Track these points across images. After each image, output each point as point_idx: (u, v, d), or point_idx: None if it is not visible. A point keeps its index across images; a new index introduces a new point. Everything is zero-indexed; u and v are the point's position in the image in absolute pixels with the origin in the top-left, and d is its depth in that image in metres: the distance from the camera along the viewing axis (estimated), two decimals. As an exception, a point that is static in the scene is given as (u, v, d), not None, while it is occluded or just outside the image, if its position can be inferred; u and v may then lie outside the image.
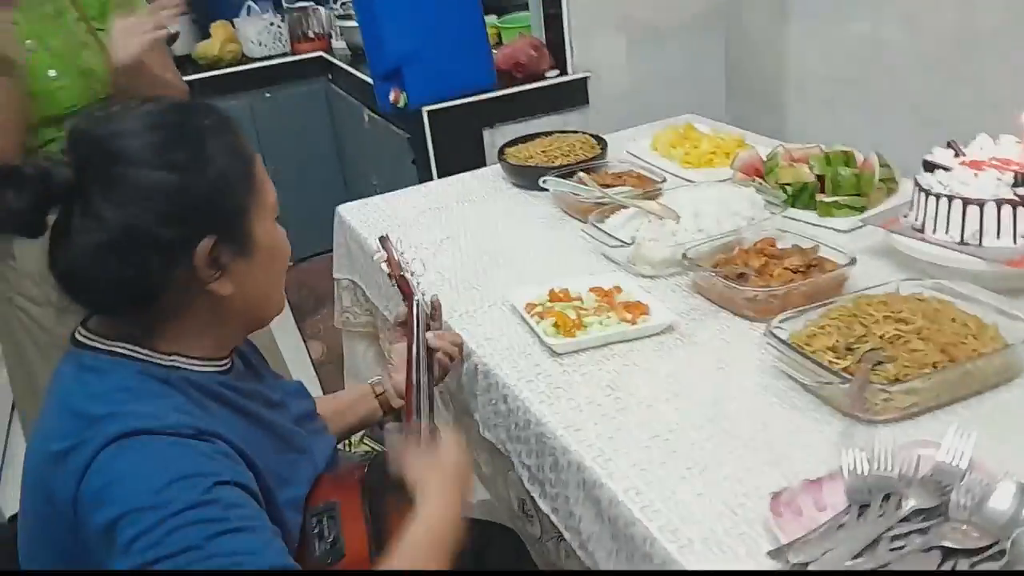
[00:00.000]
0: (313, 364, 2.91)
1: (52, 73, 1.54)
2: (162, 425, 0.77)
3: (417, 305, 1.23)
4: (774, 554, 0.80)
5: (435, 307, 1.25)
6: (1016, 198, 1.15)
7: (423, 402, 1.07)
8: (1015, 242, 1.16)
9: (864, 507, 0.84)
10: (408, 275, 1.28)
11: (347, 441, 2.24)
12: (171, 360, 0.86)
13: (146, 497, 0.72)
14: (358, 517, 0.93)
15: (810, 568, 0.77)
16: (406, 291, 1.26)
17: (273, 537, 0.77)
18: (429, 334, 1.18)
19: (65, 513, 0.76)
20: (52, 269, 0.84)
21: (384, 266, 1.28)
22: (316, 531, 0.92)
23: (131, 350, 0.85)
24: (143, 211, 0.80)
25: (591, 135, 1.91)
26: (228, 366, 0.93)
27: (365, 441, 2.31)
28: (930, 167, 1.24)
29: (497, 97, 2.35)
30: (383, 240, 1.30)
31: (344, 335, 1.91)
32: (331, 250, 1.91)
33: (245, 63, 3.32)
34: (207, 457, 0.77)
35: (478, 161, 2.34)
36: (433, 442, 0.99)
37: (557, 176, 1.66)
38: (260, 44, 3.34)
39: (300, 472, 0.96)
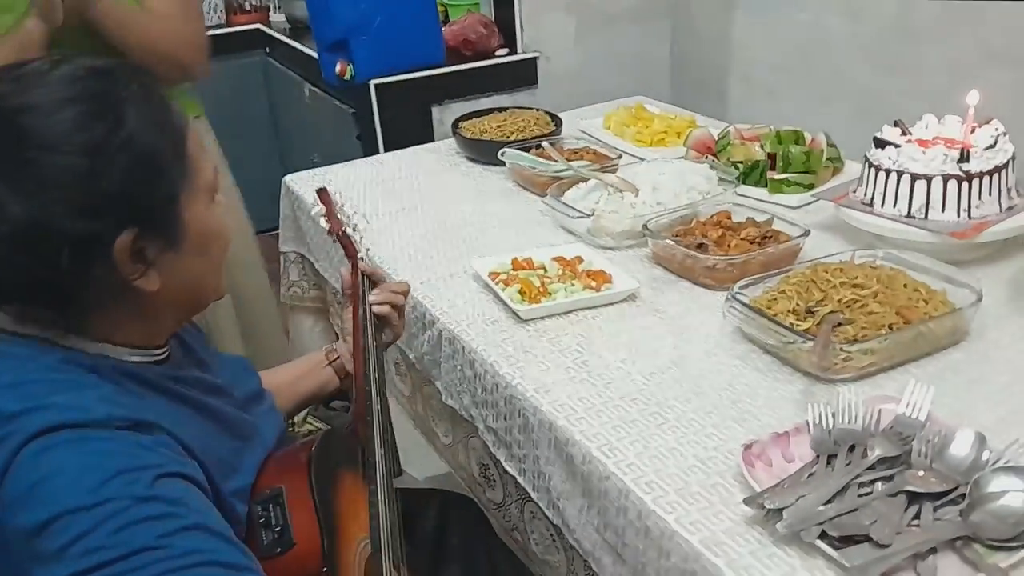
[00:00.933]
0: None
1: None
2: (91, 418, 0.69)
3: (361, 263, 1.16)
4: (749, 501, 0.82)
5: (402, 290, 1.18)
6: (961, 174, 1.20)
7: (372, 367, 1.02)
8: (959, 215, 1.22)
9: (831, 458, 0.88)
10: (350, 230, 1.19)
11: (290, 421, 2.19)
12: (99, 348, 0.77)
13: (81, 496, 0.64)
14: (306, 502, 0.86)
15: (784, 513, 0.79)
16: (349, 249, 1.19)
17: (226, 531, 0.71)
18: (371, 297, 1.11)
19: None
20: None
21: (323, 221, 1.19)
22: (262, 520, 0.84)
23: (51, 336, 0.76)
24: (51, 202, 0.69)
25: (546, 112, 1.92)
26: (164, 355, 0.84)
27: (309, 420, 2.26)
28: (880, 144, 1.29)
29: (446, 73, 2.33)
30: (321, 193, 1.20)
31: (290, 311, 1.87)
32: (266, 230, 1.86)
33: (178, 34, 3.19)
34: (146, 448, 0.70)
35: (426, 138, 2.32)
36: None
37: (516, 150, 1.66)
38: (194, 15, 3.22)
39: (246, 460, 0.88)
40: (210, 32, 3.15)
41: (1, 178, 0.69)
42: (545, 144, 1.63)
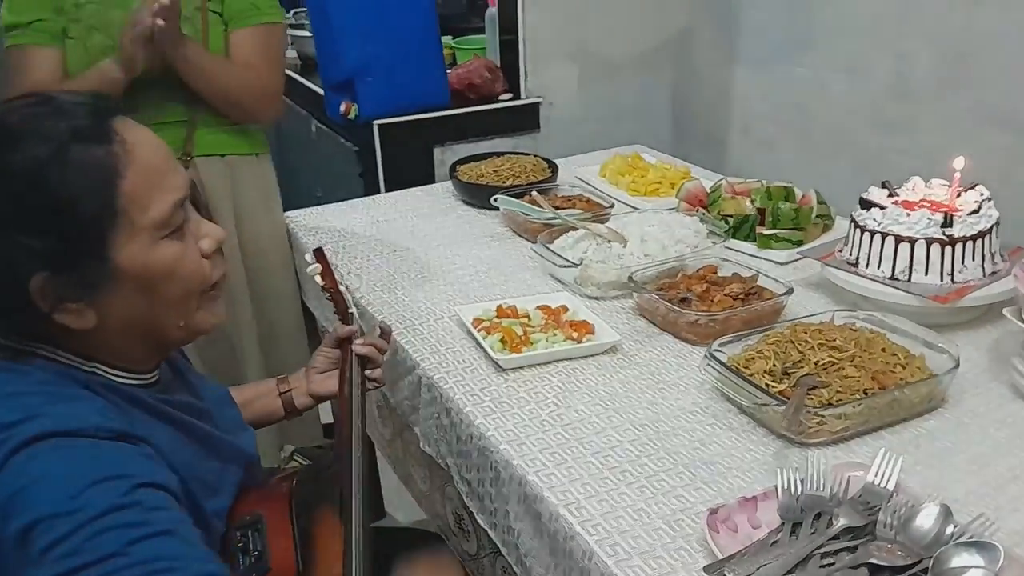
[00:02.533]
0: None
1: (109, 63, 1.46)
2: (81, 427, 0.72)
3: (351, 319, 1.22)
4: (710, 569, 0.82)
5: (384, 333, 1.22)
6: (944, 238, 1.21)
7: (355, 416, 1.05)
8: (942, 279, 1.22)
9: (796, 525, 0.87)
10: (343, 289, 1.26)
11: (278, 457, 2.18)
12: (92, 367, 0.81)
13: (61, 502, 0.67)
14: (285, 531, 0.90)
15: (744, 582, 0.79)
16: (340, 305, 1.25)
17: (198, 542, 0.73)
18: (357, 342, 1.16)
19: None
20: None
21: (318, 279, 1.25)
22: (240, 544, 0.87)
23: (50, 351, 0.79)
24: None
25: (542, 158, 1.94)
26: (154, 379, 0.87)
27: (295, 458, 2.26)
28: (866, 204, 1.29)
29: (450, 116, 2.36)
30: (318, 252, 1.27)
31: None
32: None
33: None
34: (128, 458, 0.73)
35: (427, 178, 2.34)
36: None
37: (508, 196, 1.68)
38: (209, 49, 3.28)
39: (227, 481, 0.92)
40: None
41: None
42: (534, 193, 1.64)
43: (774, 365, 1.08)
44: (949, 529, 0.82)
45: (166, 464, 0.77)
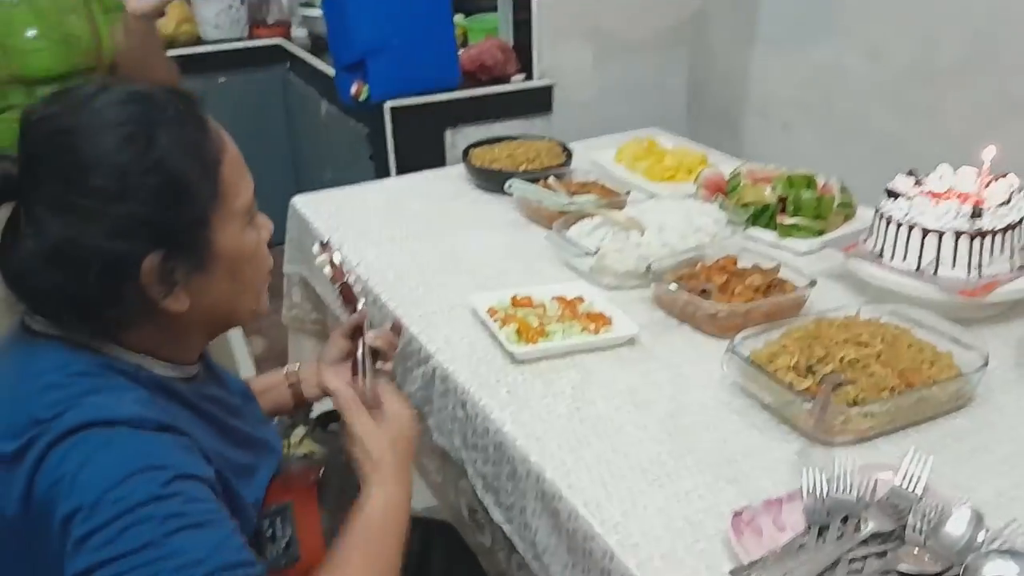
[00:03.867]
0: (254, 360, 2.83)
1: (30, 33, 1.43)
2: (122, 416, 0.72)
3: (360, 314, 1.20)
4: (736, 573, 0.80)
5: (395, 327, 1.21)
6: (972, 230, 1.18)
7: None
8: (969, 273, 1.19)
9: (823, 529, 0.85)
10: (351, 281, 1.24)
11: (286, 442, 2.17)
12: (137, 359, 0.80)
13: (102, 491, 0.67)
14: (314, 519, 0.90)
15: (770, 588, 0.77)
16: (349, 298, 1.23)
17: (234, 532, 0.73)
18: (369, 334, 1.13)
19: (14, 523, 0.70)
20: (1, 266, 0.77)
21: (327, 271, 1.24)
22: (269, 534, 0.88)
23: (96, 342, 0.79)
24: (84, 222, 0.73)
25: (557, 142, 1.91)
26: (194, 372, 0.88)
27: (306, 442, 2.26)
28: (892, 195, 1.26)
29: (461, 98, 2.33)
30: (325, 244, 1.26)
31: (291, 331, 1.86)
32: (280, 243, 1.86)
33: (200, 45, 3.22)
34: (168, 449, 0.72)
35: (438, 161, 2.31)
36: (380, 409, 0.93)
37: (523, 181, 1.65)
38: (217, 27, 3.25)
39: (260, 475, 0.92)
40: (232, 46, 3.21)
41: (44, 196, 0.74)
42: (551, 179, 1.61)
43: (798, 361, 1.05)
44: (981, 535, 0.80)
45: (203, 457, 0.76)
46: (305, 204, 1.78)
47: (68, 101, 0.77)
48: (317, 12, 2.92)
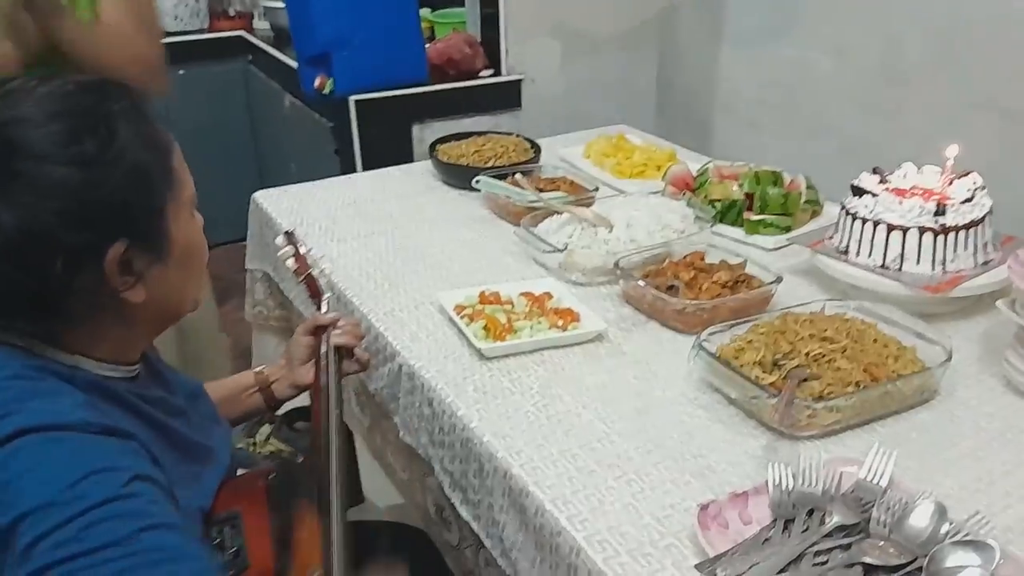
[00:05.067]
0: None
1: None
2: (67, 421, 0.69)
3: (327, 305, 1.18)
4: (701, 567, 0.80)
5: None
6: (937, 227, 1.19)
7: (332, 407, 1.02)
8: (933, 268, 1.20)
9: (788, 522, 0.85)
10: (316, 273, 1.22)
11: (252, 442, 2.14)
12: (73, 360, 0.78)
13: (54, 493, 0.64)
14: (263, 526, 0.88)
15: (737, 583, 0.77)
16: (314, 291, 1.20)
17: (195, 539, 0.72)
18: (335, 332, 1.12)
19: None
20: None
21: (290, 263, 1.21)
22: (217, 542, 0.85)
23: (29, 343, 0.76)
24: (43, 212, 0.71)
25: (525, 139, 1.90)
26: (135, 372, 0.85)
27: (272, 441, 2.22)
28: (857, 191, 1.27)
29: (429, 92, 2.31)
30: (289, 235, 1.23)
31: (255, 329, 1.83)
32: (242, 239, 1.82)
33: (160, 37, 3.15)
34: (120, 452, 0.70)
35: (406, 156, 2.29)
36: None
37: (490, 177, 1.64)
38: (176, 18, 3.18)
39: (204, 484, 0.89)
40: (192, 37, 3.15)
41: None
42: (518, 175, 1.60)
43: (764, 356, 1.05)
44: (944, 527, 0.81)
45: (152, 460, 0.74)
46: (267, 199, 1.75)
47: (5, 94, 0.75)
48: (280, 3, 2.87)
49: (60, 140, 0.72)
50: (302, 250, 1.22)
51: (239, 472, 1.00)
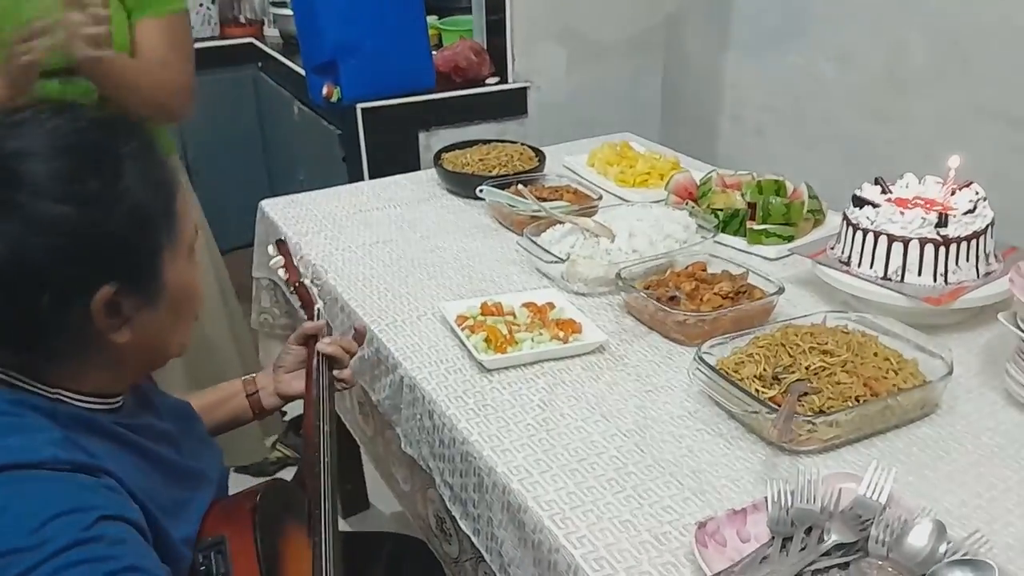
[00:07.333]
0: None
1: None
2: (35, 459, 0.68)
3: (317, 315, 1.18)
4: (698, 586, 0.80)
5: (359, 334, 1.19)
6: (939, 238, 1.18)
7: (322, 419, 1.02)
8: (935, 280, 1.20)
9: (786, 540, 0.85)
10: (307, 282, 1.21)
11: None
12: (55, 393, 0.76)
13: (19, 538, 0.63)
14: (249, 552, 0.86)
15: (733, 602, 0.77)
16: (306, 300, 1.19)
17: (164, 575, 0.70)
18: (323, 341, 1.12)
19: None
20: None
21: (281, 272, 1.21)
22: (203, 568, 0.84)
23: (8, 375, 0.75)
24: (37, 247, 0.70)
25: (530, 147, 1.90)
26: (119, 403, 0.83)
27: (279, 448, 2.24)
28: (859, 202, 1.27)
29: (435, 100, 2.31)
30: (280, 244, 1.22)
31: (261, 336, 1.84)
32: (250, 245, 1.83)
33: (170, 44, 3.17)
34: (89, 490, 0.69)
35: (412, 163, 2.30)
36: None
37: (494, 186, 1.64)
38: (188, 26, 3.20)
39: (193, 509, 0.88)
40: (203, 44, 3.17)
41: None
42: (520, 186, 1.60)
43: (764, 370, 1.05)
44: (943, 547, 0.81)
45: (128, 495, 0.73)
46: (274, 208, 1.76)
47: (15, 123, 0.74)
48: (287, 11, 2.89)
49: (62, 176, 0.71)
50: (294, 259, 1.21)
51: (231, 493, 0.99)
